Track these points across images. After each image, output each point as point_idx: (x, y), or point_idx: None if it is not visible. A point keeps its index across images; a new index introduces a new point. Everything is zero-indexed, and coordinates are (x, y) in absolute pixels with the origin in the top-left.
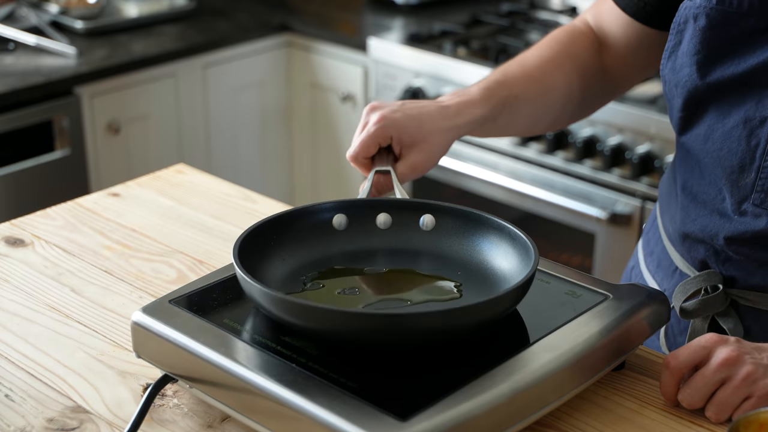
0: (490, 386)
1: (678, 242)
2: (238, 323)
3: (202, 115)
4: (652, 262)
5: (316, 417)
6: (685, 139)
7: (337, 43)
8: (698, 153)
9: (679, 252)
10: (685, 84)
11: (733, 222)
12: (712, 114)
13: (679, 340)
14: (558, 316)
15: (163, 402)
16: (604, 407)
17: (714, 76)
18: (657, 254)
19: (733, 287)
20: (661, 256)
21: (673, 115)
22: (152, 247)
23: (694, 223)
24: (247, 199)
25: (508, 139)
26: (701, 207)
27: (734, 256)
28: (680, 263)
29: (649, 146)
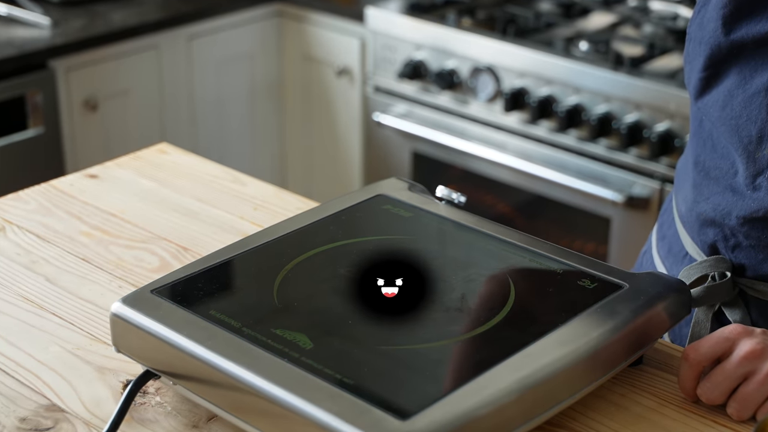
0: (497, 383)
1: (689, 224)
2: (226, 315)
3: (186, 91)
4: (664, 246)
5: (310, 416)
6: (702, 105)
7: (332, 13)
8: (714, 121)
9: (690, 235)
10: (709, 41)
11: (746, 199)
12: (734, 77)
13: (684, 331)
14: (570, 307)
15: (145, 400)
16: (620, 405)
17: (739, 33)
18: (669, 238)
19: (743, 276)
20: (672, 241)
21: (692, 78)
22: (133, 232)
23: (707, 202)
24: (235, 180)
25: (516, 115)
26: (714, 183)
27: (745, 241)
28: (690, 248)
29: (669, 124)
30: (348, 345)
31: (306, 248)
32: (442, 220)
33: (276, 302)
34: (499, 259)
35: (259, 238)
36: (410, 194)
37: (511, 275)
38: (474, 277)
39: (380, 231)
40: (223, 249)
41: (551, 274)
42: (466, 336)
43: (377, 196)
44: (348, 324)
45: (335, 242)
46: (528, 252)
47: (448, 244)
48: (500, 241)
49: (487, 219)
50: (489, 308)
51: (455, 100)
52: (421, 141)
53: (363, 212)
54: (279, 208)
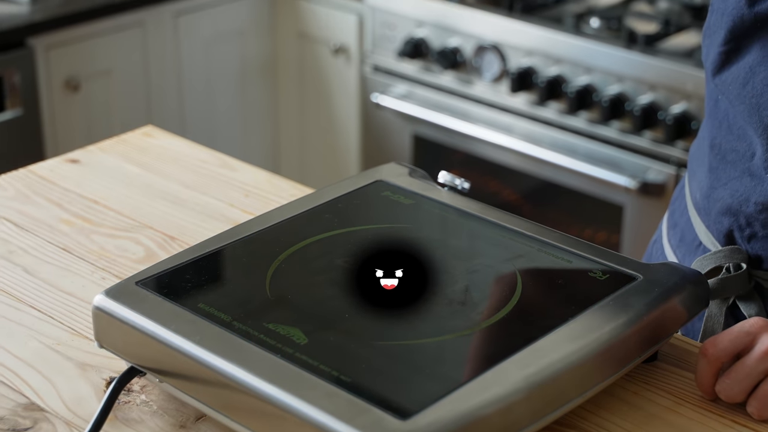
0: (503, 380)
1: (704, 211)
2: (215, 308)
3: (173, 71)
4: (675, 235)
5: (305, 415)
6: (719, 82)
7: None
8: (732, 99)
9: (704, 223)
10: (732, 12)
11: (765, 183)
12: (756, 53)
13: (696, 326)
14: (581, 300)
15: (129, 398)
16: (633, 404)
17: (764, 5)
18: (681, 227)
19: (759, 268)
20: (684, 229)
21: (711, 52)
22: (116, 221)
23: (724, 188)
24: (225, 166)
25: (523, 96)
26: (731, 167)
27: (762, 231)
28: (704, 237)
29: (685, 105)
30: (345, 340)
31: (300, 237)
32: (445, 208)
33: (268, 295)
34: (505, 248)
35: (251, 227)
36: (411, 180)
37: (518, 266)
38: (478, 268)
39: (379, 219)
40: (212, 238)
41: (560, 264)
42: (470, 331)
43: (376, 182)
44: (345, 318)
45: (331, 231)
46: (536, 241)
47: (450, 233)
48: (506, 229)
49: (493, 206)
50: (494, 301)
51: (458, 80)
52: (423, 123)
53: (360, 199)
54: (271, 194)
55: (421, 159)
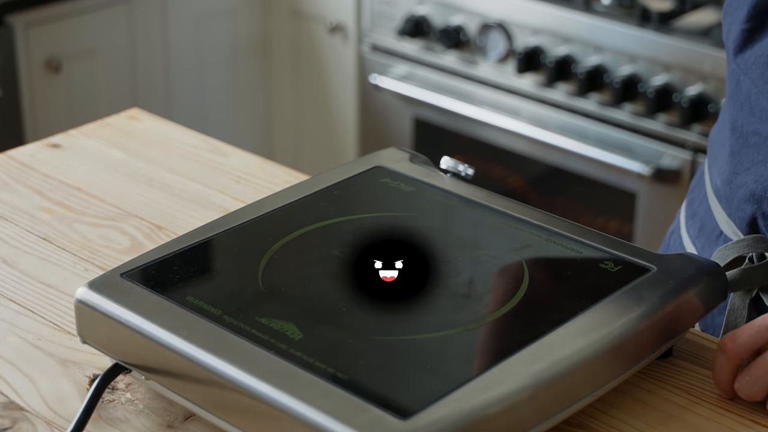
0: (509, 377)
1: (726, 199)
2: (205, 301)
3: (160, 50)
4: (694, 225)
5: (299, 415)
6: (741, 62)
7: None
8: (755, 80)
9: (726, 211)
10: None
11: None
12: None
13: (717, 321)
14: (591, 292)
15: (114, 397)
16: (647, 403)
17: None
18: (701, 216)
19: None
20: (704, 219)
21: (733, 30)
22: (100, 209)
23: (747, 173)
24: (215, 151)
25: (530, 78)
26: (754, 151)
27: None
28: (725, 226)
29: (702, 87)
30: (342, 335)
31: (294, 227)
32: (447, 195)
33: (261, 287)
34: (511, 238)
35: (242, 216)
36: (411, 166)
37: (525, 257)
38: (483, 259)
39: (378, 207)
40: (201, 227)
41: (570, 255)
42: (474, 325)
43: (374, 168)
44: (342, 312)
45: (327, 220)
46: (543, 231)
47: (453, 222)
48: (512, 218)
49: (498, 194)
50: (500, 294)
51: (462, 60)
52: (424, 106)
53: (358, 186)
54: (264, 181)
55: (423, 143)
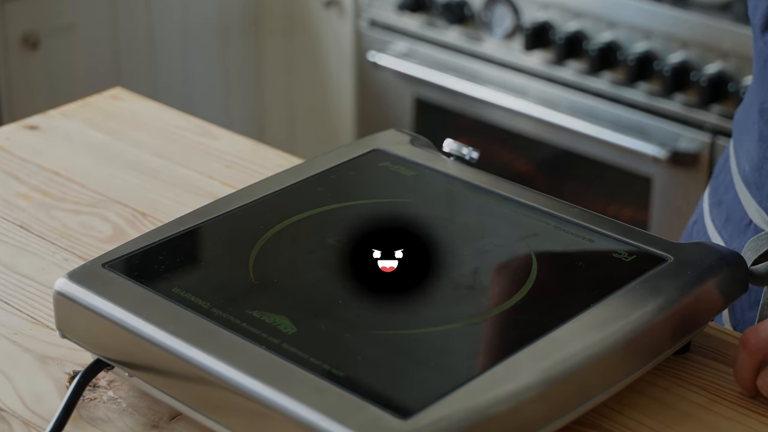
0: (516, 374)
1: (755, 185)
2: (192, 293)
3: (144, 25)
4: (720, 214)
5: (292, 413)
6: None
7: None
8: None
9: (756, 199)
10: None
11: None
12: None
13: (747, 316)
14: (603, 284)
15: (95, 395)
16: (663, 402)
17: None
18: (726, 204)
19: None
20: (731, 207)
21: (760, 6)
22: (81, 194)
23: None
24: (204, 133)
25: (539, 55)
26: None
27: None
28: (755, 214)
29: (722, 65)
30: (338, 329)
31: (288, 214)
32: (451, 180)
33: (252, 278)
34: (518, 226)
35: (232, 202)
36: (412, 149)
37: (533, 246)
38: (488, 248)
39: (376, 193)
40: (188, 215)
41: (581, 244)
42: (479, 319)
43: (373, 151)
44: (338, 304)
45: (323, 206)
46: (552, 218)
47: (457, 209)
48: (520, 204)
49: (504, 178)
50: (506, 285)
51: (466, 36)
52: (425, 85)
53: (356, 170)
54: (256, 165)
55: (424, 125)
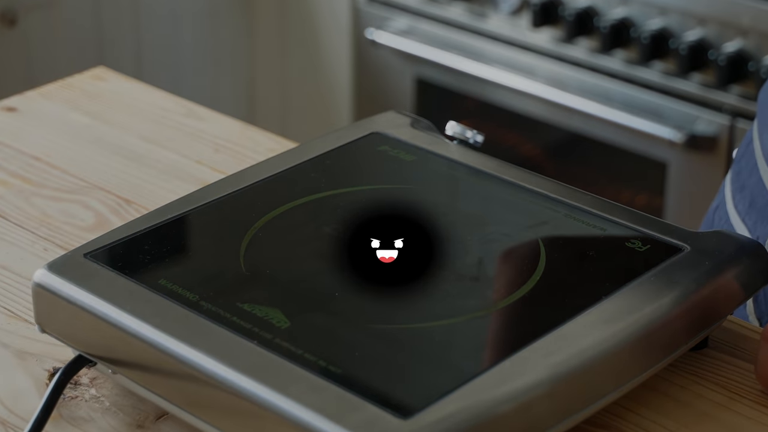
0: (522, 371)
1: None
2: (180, 285)
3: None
4: (743, 199)
5: (285, 413)
6: None
7: None
8: None
9: None
10: None
11: None
12: None
13: None
14: (616, 275)
15: (77, 393)
16: (679, 400)
17: None
18: (750, 189)
19: None
20: (755, 192)
21: None
22: (61, 181)
23: None
24: (191, 115)
25: (548, 32)
26: None
27: None
28: None
29: (741, 43)
30: (334, 323)
31: (281, 201)
32: (454, 165)
33: (243, 269)
34: (525, 214)
35: (222, 188)
36: (413, 132)
37: (541, 235)
38: (494, 238)
39: (375, 178)
40: (175, 202)
41: (592, 233)
42: (485, 312)
43: (371, 134)
44: (334, 297)
45: (318, 193)
46: (562, 205)
47: (460, 196)
48: (527, 191)
49: (511, 163)
50: (513, 277)
51: (470, 12)
52: (427, 64)
53: (353, 155)
54: (246, 149)
55: (426, 107)
